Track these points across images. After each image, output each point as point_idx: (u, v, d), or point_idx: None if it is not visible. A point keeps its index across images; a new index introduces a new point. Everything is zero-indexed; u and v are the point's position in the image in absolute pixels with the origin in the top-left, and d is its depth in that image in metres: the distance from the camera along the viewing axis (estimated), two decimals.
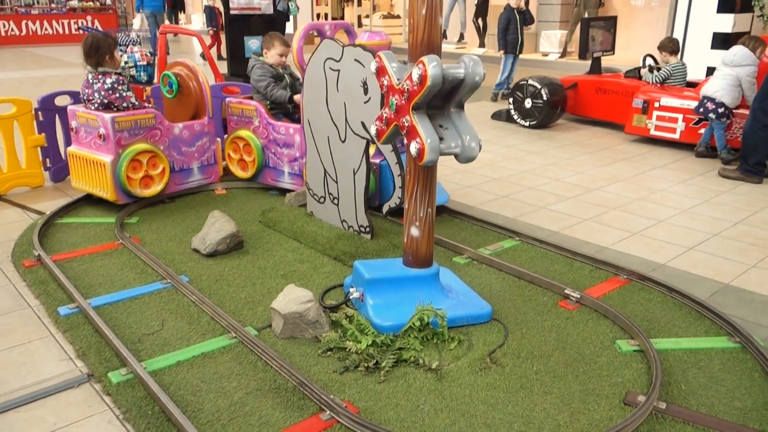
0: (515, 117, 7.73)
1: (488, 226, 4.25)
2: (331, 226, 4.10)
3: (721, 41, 8.79)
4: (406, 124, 2.77)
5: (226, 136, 5.17)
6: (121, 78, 4.43)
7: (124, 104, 4.41)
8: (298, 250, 3.87)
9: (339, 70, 3.78)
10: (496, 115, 8.16)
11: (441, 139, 2.77)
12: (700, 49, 9.10)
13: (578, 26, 11.11)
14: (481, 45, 15.17)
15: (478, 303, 3.11)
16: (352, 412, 2.32)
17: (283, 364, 2.59)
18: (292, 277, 3.46)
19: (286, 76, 5.02)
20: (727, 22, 8.87)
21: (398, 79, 2.82)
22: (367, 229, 3.89)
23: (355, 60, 3.64)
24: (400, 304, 2.95)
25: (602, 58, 7.96)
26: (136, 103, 4.48)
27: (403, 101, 2.78)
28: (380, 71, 2.94)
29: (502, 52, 9.11)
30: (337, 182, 4.03)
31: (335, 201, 4.08)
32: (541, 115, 7.45)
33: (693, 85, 6.76)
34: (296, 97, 4.73)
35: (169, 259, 3.69)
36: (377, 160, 4.18)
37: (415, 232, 3.02)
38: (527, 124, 7.61)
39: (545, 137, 7.19)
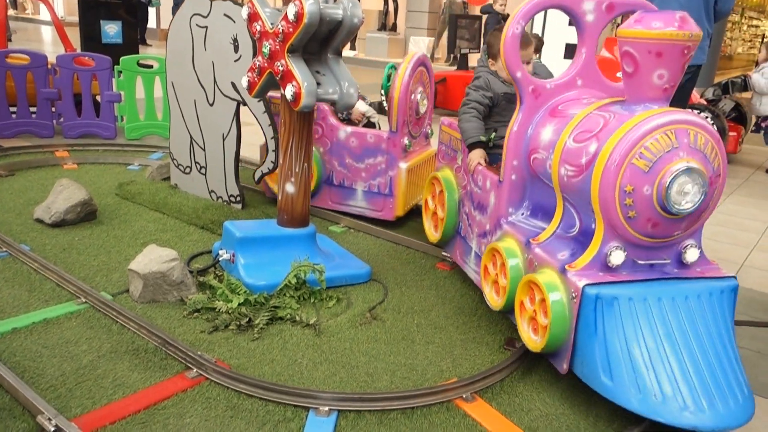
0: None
1: None
2: (198, 198, 3.81)
3: (572, 52, 9.44)
4: (281, 69, 2.61)
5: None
6: None
7: None
8: (161, 220, 3.54)
9: (207, 27, 3.53)
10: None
11: (318, 84, 2.64)
12: (554, 57, 9.73)
13: (445, 33, 11.44)
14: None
15: (356, 263, 3.00)
16: (222, 367, 2.11)
17: (143, 325, 2.31)
18: None
19: None
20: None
21: (272, 24, 2.66)
22: (238, 199, 3.65)
23: (225, 15, 3.41)
24: (274, 264, 2.76)
25: (469, 55, 8.24)
26: None
27: (277, 45, 2.62)
28: (252, 17, 2.76)
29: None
30: (204, 150, 3.75)
31: (202, 170, 3.80)
32: None
33: None
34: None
35: (5, 230, 3.23)
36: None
37: (290, 188, 2.85)
38: None
39: None
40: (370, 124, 4.03)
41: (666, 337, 1.99)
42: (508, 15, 9.23)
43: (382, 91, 4.92)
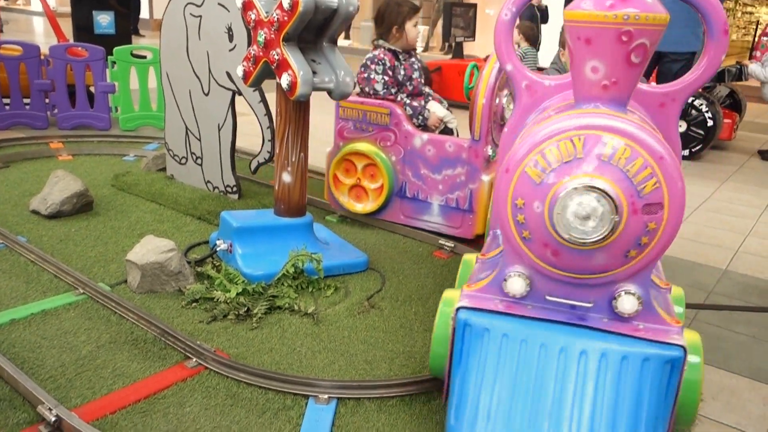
0: None
1: None
2: (195, 188, 3.80)
3: None
4: (277, 58, 2.60)
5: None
6: (381, 57, 3.44)
7: (366, 88, 3.47)
8: (158, 211, 3.54)
9: (201, 16, 3.51)
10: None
11: (314, 73, 2.63)
12: (553, 42, 9.70)
13: (440, 21, 11.40)
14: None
15: (354, 252, 3.01)
16: (222, 357, 2.12)
17: (142, 315, 2.32)
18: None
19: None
20: None
21: (267, 13, 2.65)
22: (234, 189, 3.65)
23: (219, 4, 3.39)
24: (271, 254, 2.77)
25: (464, 43, 8.22)
26: (381, 92, 3.43)
27: (272, 34, 2.61)
28: (247, 6, 2.74)
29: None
30: (200, 140, 3.74)
31: (198, 161, 3.79)
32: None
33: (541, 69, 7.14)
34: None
35: (1, 221, 3.22)
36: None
37: (287, 178, 2.85)
38: None
39: None
40: (447, 131, 3.69)
41: (531, 393, 1.64)
42: (545, 7, 9.08)
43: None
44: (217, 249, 2.83)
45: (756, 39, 14.72)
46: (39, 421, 1.79)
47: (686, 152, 5.87)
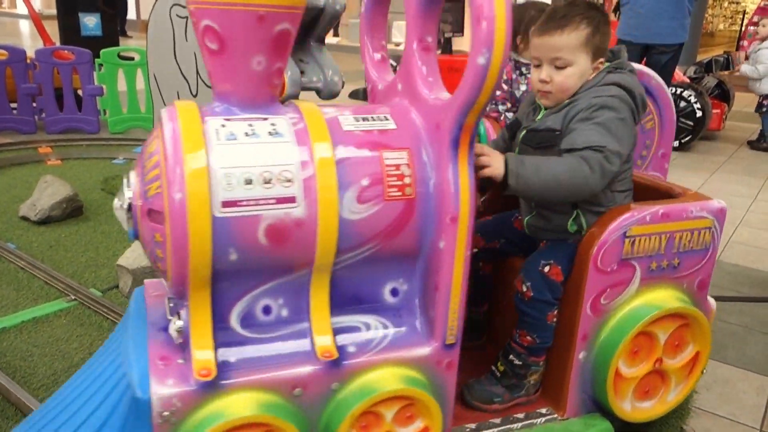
0: None
1: None
2: None
3: None
4: None
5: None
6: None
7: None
8: None
9: (187, 17, 3.49)
10: (354, 94, 8.13)
11: (302, 73, 2.62)
12: None
13: None
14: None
15: None
16: None
17: None
18: None
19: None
20: None
21: None
22: None
23: None
24: None
25: (453, 39, 8.21)
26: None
27: None
28: None
29: None
30: None
31: None
32: None
33: None
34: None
35: None
36: None
37: None
38: None
39: None
40: None
41: None
42: None
43: None
44: None
45: (743, 28, 14.81)
46: None
47: (676, 143, 5.90)
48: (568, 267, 1.66)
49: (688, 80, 6.37)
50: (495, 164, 1.52)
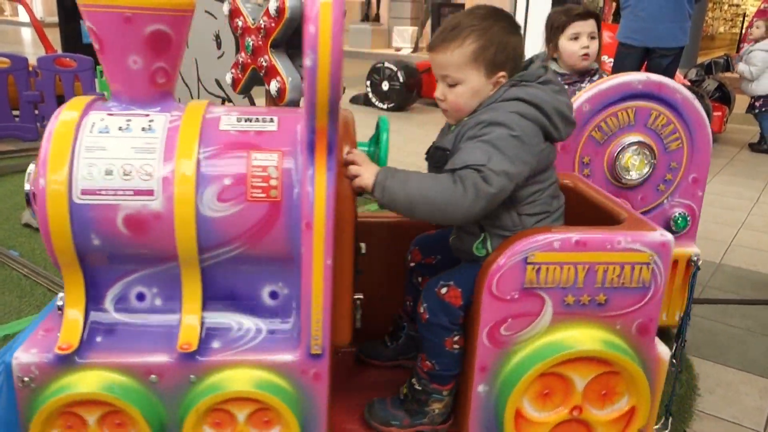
0: (373, 100, 7.76)
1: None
2: None
3: None
4: (265, 64, 2.59)
5: None
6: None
7: None
8: None
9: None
10: (355, 99, 8.16)
11: (302, 78, 2.63)
12: (538, 38, 9.74)
13: (429, 21, 11.44)
14: None
15: None
16: None
17: None
18: None
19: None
20: None
21: (254, 19, 2.65)
22: None
23: (206, 11, 3.40)
24: None
25: None
26: None
27: (260, 41, 2.61)
28: (234, 13, 2.74)
29: None
30: None
31: None
32: (398, 97, 7.53)
33: None
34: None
35: None
36: None
37: None
38: (385, 106, 7.66)
39: (403, 118, 7.28)
40: None
41: None
42: None
43: None
44: None
45: (743, 31, 14.82)
46: None
47: None
48: (470, 291, 1.53)
49: (688, 83, 6.38)
50: (365, 174, 1.45)
